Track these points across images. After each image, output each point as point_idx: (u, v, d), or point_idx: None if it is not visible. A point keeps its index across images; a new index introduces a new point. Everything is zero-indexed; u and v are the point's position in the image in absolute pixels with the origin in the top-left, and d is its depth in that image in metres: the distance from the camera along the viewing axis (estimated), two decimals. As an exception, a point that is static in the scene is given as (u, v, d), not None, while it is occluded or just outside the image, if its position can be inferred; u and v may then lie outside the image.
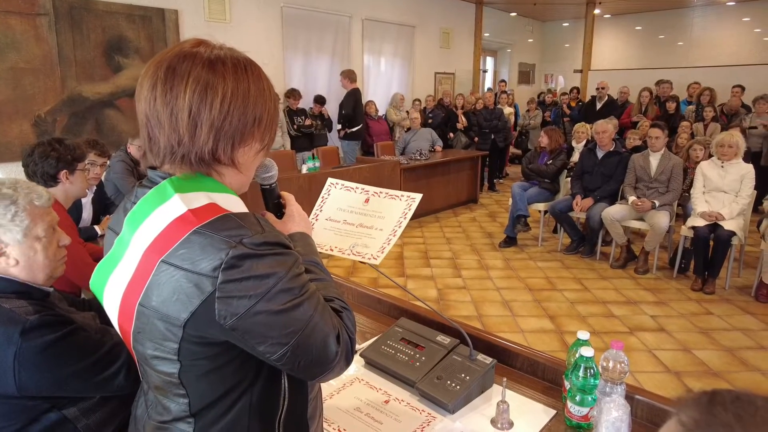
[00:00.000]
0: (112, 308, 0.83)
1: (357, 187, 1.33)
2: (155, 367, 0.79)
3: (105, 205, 3.26)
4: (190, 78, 0.74)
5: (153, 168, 0.82)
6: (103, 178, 3.29)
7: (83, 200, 2.90)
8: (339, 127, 6.80)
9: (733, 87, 6.94)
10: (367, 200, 1.30)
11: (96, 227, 2.89)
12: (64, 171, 2.10)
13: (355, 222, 1.26)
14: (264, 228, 0.76)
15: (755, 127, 6.25)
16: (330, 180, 1.37)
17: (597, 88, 7.88)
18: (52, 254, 1.28)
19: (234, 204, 0.79)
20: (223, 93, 0.75)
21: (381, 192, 1.30)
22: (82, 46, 4.94)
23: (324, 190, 1.35)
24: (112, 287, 0.82)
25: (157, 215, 0.76)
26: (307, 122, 6.47)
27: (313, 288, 0.79)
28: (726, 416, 0.46)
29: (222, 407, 0.80)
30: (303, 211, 1.01)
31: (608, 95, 7.79)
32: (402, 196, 1.28)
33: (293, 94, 6.36)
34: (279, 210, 1.00)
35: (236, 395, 0.80)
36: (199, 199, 0.76)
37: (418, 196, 1.27)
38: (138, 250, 0.77)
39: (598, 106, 7.71)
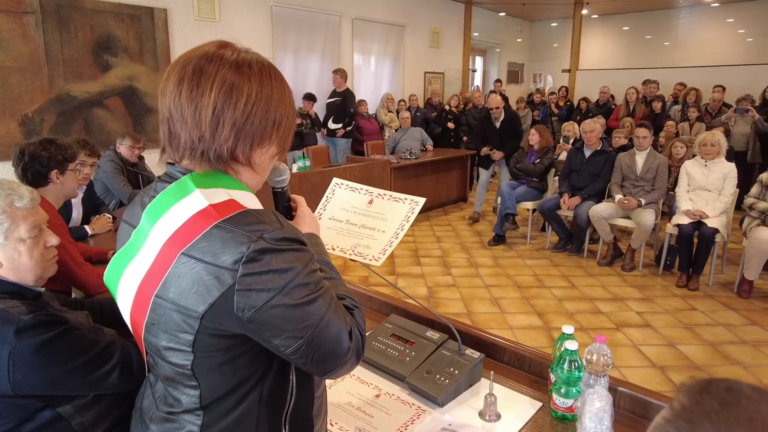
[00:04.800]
0: (125, 300, 0.84)
1: (361, 188, 1.33)
2: (168, 359, 0.80)
3: (95, 204, 3.24)
4: (217, 78, 0.76)
5: (171, 164, 0.84)
6: (92, 178, 3.28)
7: (73, 200, 2.88)
8: (334, 126, 6.79)
9: (714, 87, 7.03)
10: (370, 201, 1.30)
11: (86, 227, 2.88)
12: (55, 171, 2.09)
13: (358, 222, 1.27)
14: (282, 224, 0.78)
15: (746, 110, 6.27)
16: (335, 180, 1.37)
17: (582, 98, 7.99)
18: (39, 255, 1.25)
19: (251, 201, 0.81)
20: (247, 94, 0.78)
21: (385, 194, 1.30)
22: (70, 44, 4.90)
23: (329, 190, 1.36)
24: (127, 278, 0.82)
25: (177, 209, 0.78)
26: (297, 121, 6.47)
27: (327, 285, 0.81)
28: (711, 404, 0.47)
29: (232, 401, 0.81)
30: (312, 214, 1.03)
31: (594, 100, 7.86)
32: (405, 199, 1.28)
33: None
34: (289, 212, 1.02)
35: (247, 389, 0.81)
36: (219, 195, 0.78)
37: (422, 200, 1.27)
38: (157, 242, 0.78)
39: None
